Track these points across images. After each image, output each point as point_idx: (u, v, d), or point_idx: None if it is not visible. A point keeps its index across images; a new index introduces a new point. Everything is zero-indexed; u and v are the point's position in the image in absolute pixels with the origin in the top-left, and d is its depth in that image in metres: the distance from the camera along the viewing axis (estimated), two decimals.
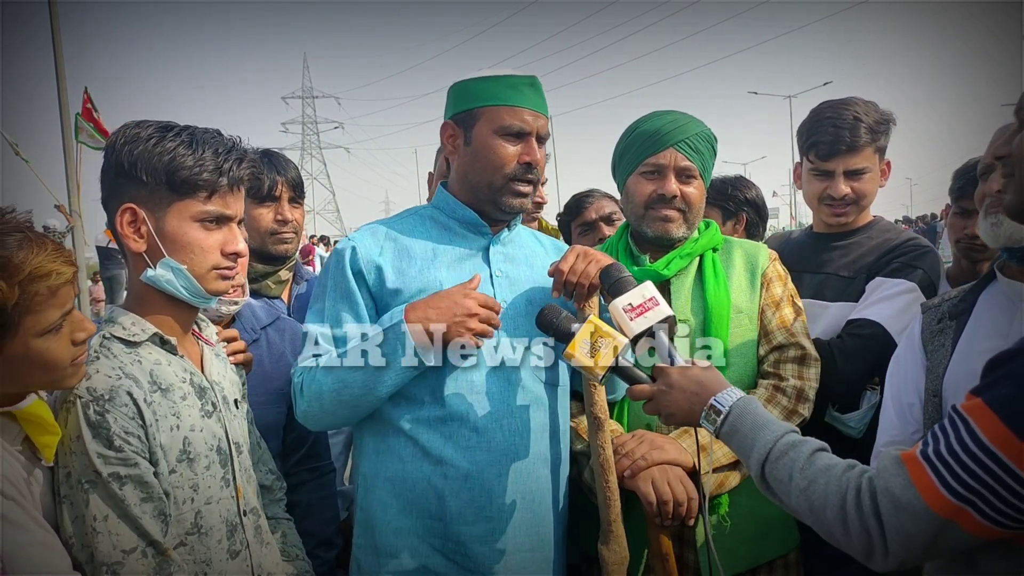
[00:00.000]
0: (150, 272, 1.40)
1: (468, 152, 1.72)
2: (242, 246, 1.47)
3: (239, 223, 1.50)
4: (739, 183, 2.97)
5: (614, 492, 1.67)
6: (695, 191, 1.92)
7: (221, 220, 1.44)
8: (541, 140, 1.73)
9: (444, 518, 1.63)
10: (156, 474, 1.33)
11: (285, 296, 2.30)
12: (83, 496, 1.27)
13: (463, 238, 1.76)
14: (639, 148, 1.93)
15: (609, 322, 1.57)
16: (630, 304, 1.53)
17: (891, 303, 2.03)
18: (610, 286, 1.60)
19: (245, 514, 1.51)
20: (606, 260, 1.67)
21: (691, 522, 1.70)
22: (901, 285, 2.06)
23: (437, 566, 1.64)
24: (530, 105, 1.70)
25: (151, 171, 1.37)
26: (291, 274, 2.31)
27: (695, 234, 1.99)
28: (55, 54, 11.30)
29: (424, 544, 1.64)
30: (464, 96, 1.73)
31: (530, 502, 1.68)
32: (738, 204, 2.90)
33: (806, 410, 1.87)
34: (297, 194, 2.25)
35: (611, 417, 1.91)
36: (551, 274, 1.69)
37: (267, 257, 2.22)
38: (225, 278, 1.47)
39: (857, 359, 1.99)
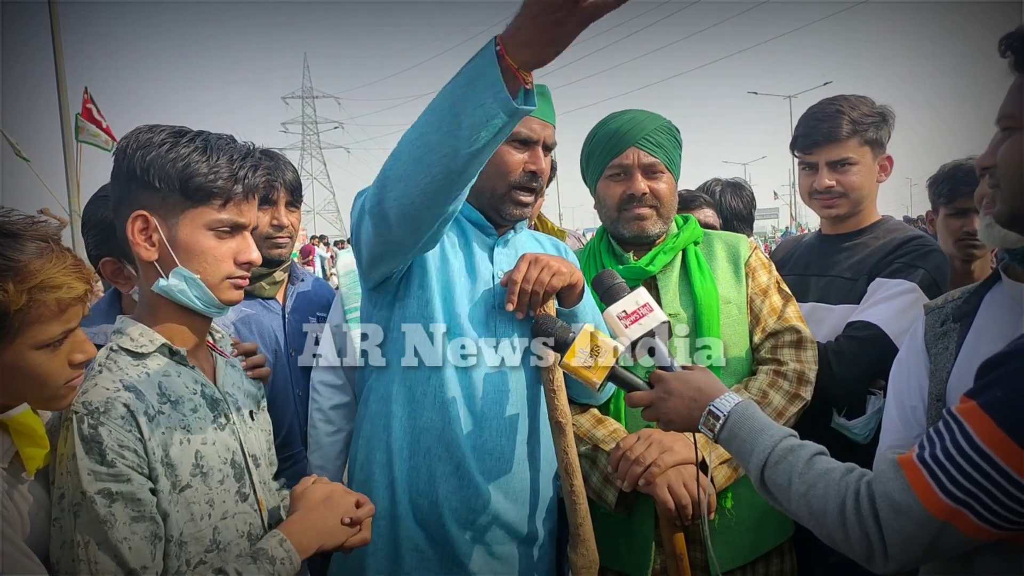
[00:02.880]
0: (162, 282, 1.36)
1: None
2: (255, 255, 1.44)
3: (252, 231, 1.47)
4: (692, 195, 3.01)
5: (579, 496, 1.67)
6: (664, 186, 1.94)
7: (235, 228, 1.41)
8: (547, 149, 1.74)
9: (430, 497, 1.65)
10: (155, 491, 1.27)
11: (280, 297, 2.30)
12: (70, 519, 1.22)
13: (474, 237, 1.78)
14: (602, 151, 1.95)
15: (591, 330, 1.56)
16: (624, 311, 1.53)
17: (890, 304, 2.00)
18: (603, 293, 1.59)
19: (271, 528, 1.47)
20: (557, 264, 1.65)
21: (711, 516, 1.70)
22: (901, 286, 2.03)
23: (419, 539, 1.66)
24: (539, 114, 1.71)
25: (164, 177, 1.33)
26: (286, 275, 2.31)
27: (674, 229, 2.01)
28: (55, 54, 11.35)
29: (409, 515, 1.66)
30: None
31: (518, 498, 1.69)
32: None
33: (807, 393, 1.88)
34: (295, 198, 2.25)
35: (610, 416, 1.92)
36: (504, 284, 1.67)
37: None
38: (238, 287, 1.43)
39: (854, 362, 1.97)
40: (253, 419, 1.54)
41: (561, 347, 1.55)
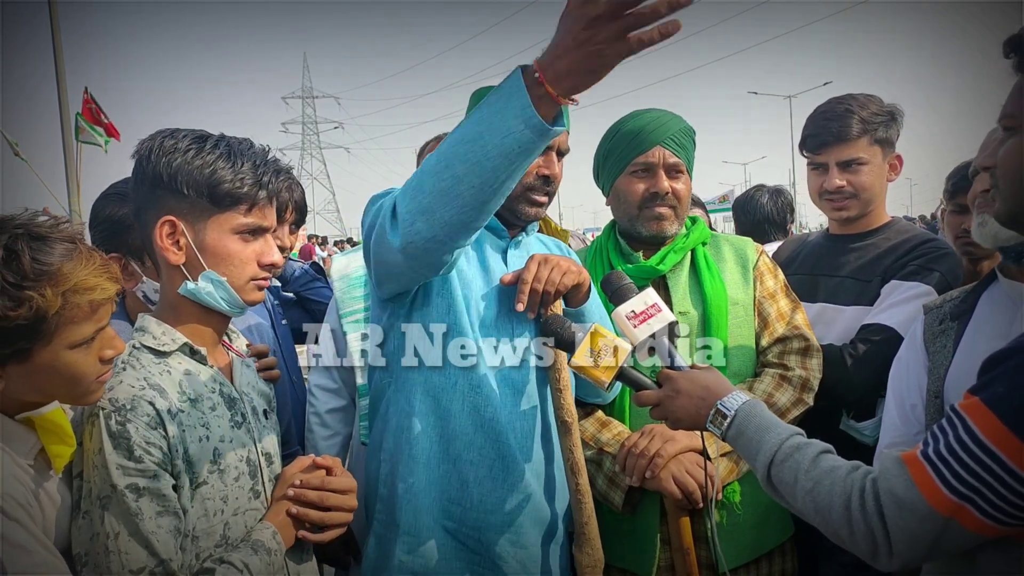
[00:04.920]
0: (190, 285, 1.39)
1: None
2: (277, 256, 1.47)
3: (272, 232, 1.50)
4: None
5: (585, 494, 1.68)
6: (683, 187, 1.95)
7: (258, 232, 1.44)
8: (561, 154, 1.76)
9: (464, 503, 1.65)
10: (176, 488, 1.30)
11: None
12: (99, 512, 1.24)
13: (486, 239, 1.78)
14: (626, 148, 1.94)
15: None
16: (633, 311, 1.54)
17: (906, 307, 1.96)
18: (612, 293, 1.60)
19: None
20: (567, 264, 1.66)
21: (719, 497, 1.71)
22: (917, 288, 2.00)
23: (448, 549, 1.65)
24: None
25: (192, 184, 1.36)
26: None
27: (683, 229, 2.01)
28: (55, 54, 11.37)
29: (438, 525, 1.65)
30: None
31: (541, 497, 1.70)
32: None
33: (810, 399, 1.90)
34: (299, 219, 2.24)
35: (614, 416, 1.93)
36: (507, 283, 1.67)
37: None
38: (261, 288, 1.47)
39: (870, 365, 1.93)
40: (267, 418, 1.56)
41: (569, 347, 1.56)
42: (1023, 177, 1.13)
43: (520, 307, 1.63)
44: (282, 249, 2.19)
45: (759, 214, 3.43)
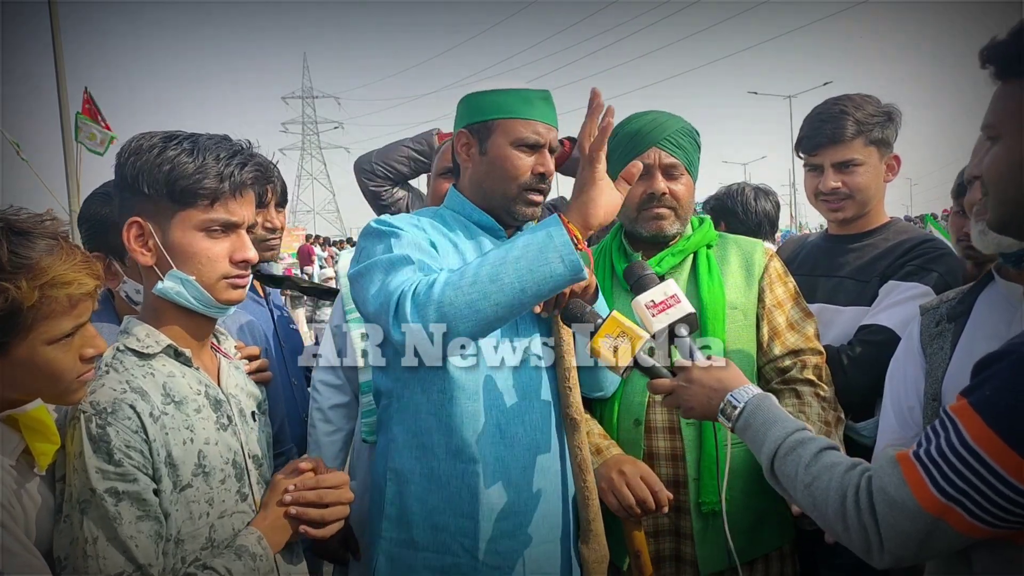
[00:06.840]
0: (159, 285, 1.37)
1: (484, 161, 1.75)
2: (252, 253, 1.43)
3: (249, 229, 1.46)
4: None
5: (592, 491, 1.69)
6: (683, 187, 1.94)
7: (228, 227, 1.41)
8: (552, 151, 1.77)
9: (475, 516, 1.65)
10: (158, 492, 1.29)
11: (259, 290, 2.39)
12: (79, 517, 1.24)
13: (481, 238, 1.79)
14: (623, 151, 1.94)
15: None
16: (652, 301, 1.56)
17: (904, 308, 1.96)
18: (633, 283, 1.63)
19: None
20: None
21: (664, 509, 1.72)
22: (915, 289, 1.99)
23: (466, 565, 1.66)
24: (543, 118, 1.74)
25: (152, 182, 1.34)
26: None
27: (688, 230, 2.01)
28: (55, 54, 11.37)
29: (456, 542, 1.66)
30: (479, 107, 1.76)
31: (549, 494, 1.71)
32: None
33: (842, 412, 1.91)
34: (283, 199, 2.28)
35: (603, 412, 1.92)
36: None
37: None
38: (236, 287, 1.43)
39: (869, 367, 1.93)
40: (255, 420, 1.55)
41: (589, 332, 1.57)
42: (1007, 185, 1.15)
43: (536, 308, 1.63)
44: (272, 230, 2.22)
45: (760, 216, 3.17)
